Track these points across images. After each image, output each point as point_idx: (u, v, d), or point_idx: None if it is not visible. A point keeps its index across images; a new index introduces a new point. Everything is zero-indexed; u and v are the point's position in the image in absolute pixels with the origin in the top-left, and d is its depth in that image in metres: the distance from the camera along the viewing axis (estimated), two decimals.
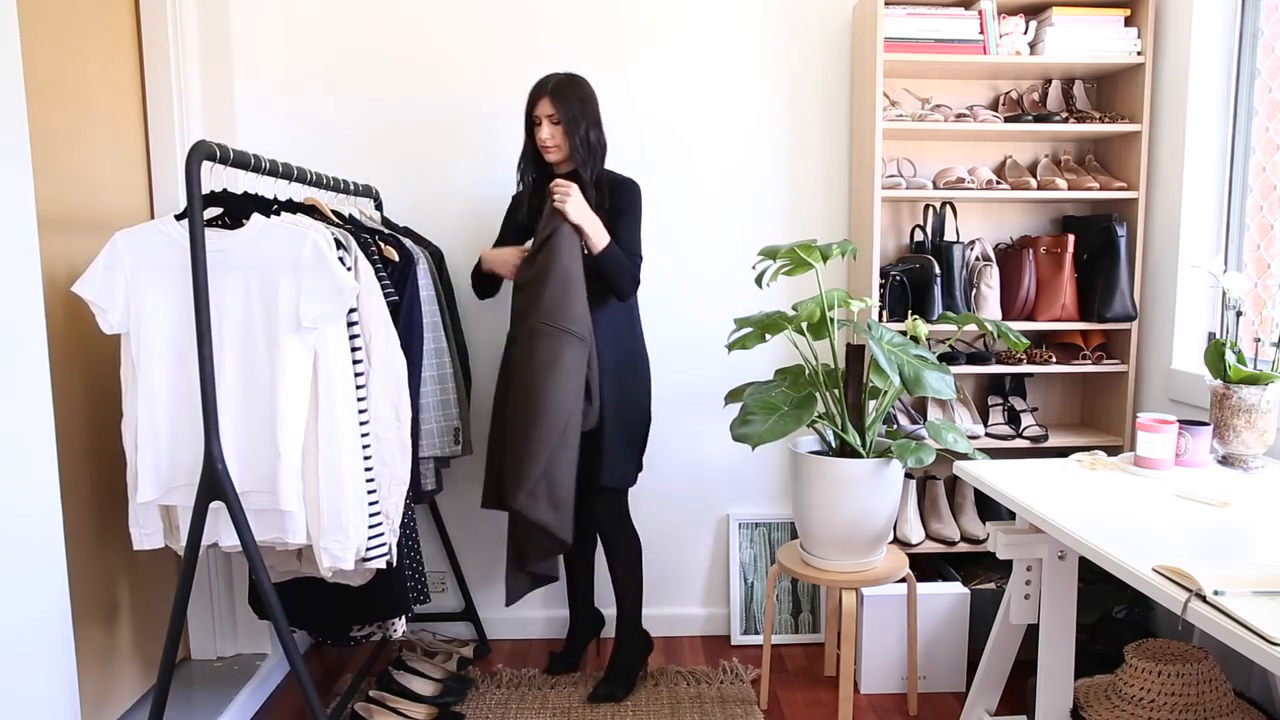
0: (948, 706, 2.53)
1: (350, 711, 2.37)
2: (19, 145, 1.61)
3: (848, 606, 2.29)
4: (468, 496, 2.95)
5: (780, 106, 2.85)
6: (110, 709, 2.25)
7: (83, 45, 2.16)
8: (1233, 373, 1.98)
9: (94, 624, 2.18)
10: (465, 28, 2.80)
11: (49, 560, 1.69)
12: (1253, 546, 1.50)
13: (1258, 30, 2.37)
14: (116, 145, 2.29)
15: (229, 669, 2.59)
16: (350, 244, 2.03)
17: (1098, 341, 2.78)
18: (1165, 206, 2.58)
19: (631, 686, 2.58)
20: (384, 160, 2.84)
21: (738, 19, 2.82)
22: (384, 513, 2.04)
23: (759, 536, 2.96)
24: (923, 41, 2.57)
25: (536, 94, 2.34)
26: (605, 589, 2.77)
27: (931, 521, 2.77)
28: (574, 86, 2.34)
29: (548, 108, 2.31)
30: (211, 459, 1.80)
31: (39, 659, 1.66)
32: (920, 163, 2.85)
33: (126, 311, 1.89)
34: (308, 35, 2.78)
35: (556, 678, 2.69)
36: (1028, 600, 1.99)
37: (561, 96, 2.31)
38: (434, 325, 2.35)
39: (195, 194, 1.73)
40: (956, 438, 2.26)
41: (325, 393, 1.90)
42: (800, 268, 2.28)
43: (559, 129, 2.32)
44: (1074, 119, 2.67)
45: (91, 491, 2.15)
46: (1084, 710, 1.90)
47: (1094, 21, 2.60)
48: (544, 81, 2.35)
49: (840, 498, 2.25)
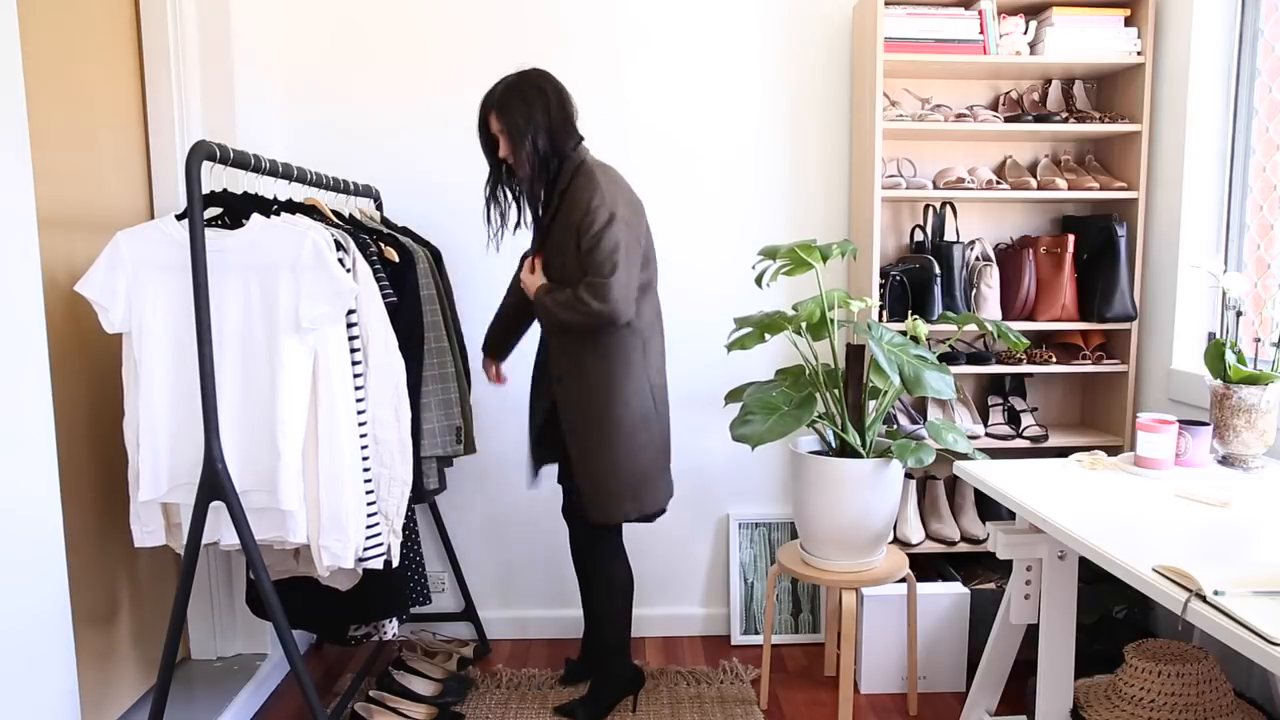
0: (948, 706, 2.53)
1: (350, 711, 2.37)
2: (19, 145, 1.61)
3: (848, 606, 2.29)
4: (468, 496, 2.96)
5: (780, 106, 2.85)
6: (110, 709, 2.25)
7: (83, 46, 2.16)
8: (1233, 373, 1.98)
9: (94, 624, 2.18)
10: (465, 28, 2.80)
11: (49, 560, 1.69)
12: (1253, 546, 1.50)
13: (1258, 30, 2.37)
14: (116, 145, 2.29)
15: (229, 669, 2.59)
16: (349, 245, 2.03)
17: (1098, 341, 2.78)
18: (1165, 206, 2.58)
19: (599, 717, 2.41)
20: (384, 160, 2.84)
21: (737, 19, 2.82)
22: (382, 513, 2.04)
23: (759, 536, 2.96)
24: (923, 41, 2.57)
25: (483, 108, 2.19)
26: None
27: (931, 521, 2.77)
28: (518, 90, 2.14)
29: (494, 123, 2.16)
30: (211, 458, 1.81)
31: (39, 658, 1.66)
32: (920, 163, 2.85)
33: (128, 311, 1.89)
34: (308, 35, 2.78)
35: (556, 677, 2.69)
36: (1028, 600, 1.99)
37: (504, 107, 2.13)
38: (434, 325, 2.35)
39: (195, 194, 1.73)
40: (956, 438, 2.26)
41: (324, 393, 1.90)
42: (800, 268, 2.28)
43: (507, 144, 2.16)
44: (1074, 119, 2.67)
45: (92, 491, 2.15)
46: (1084, 710, 1.90)
47: (1094, 21, 2.60)
48: (490, 92, 2.18)
49: (840, 498, 2.26)
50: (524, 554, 3.00)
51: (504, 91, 2.15)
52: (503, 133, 2.15)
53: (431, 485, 2.39)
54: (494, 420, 2.93)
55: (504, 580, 3.01)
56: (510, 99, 2.14)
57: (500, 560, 3.00)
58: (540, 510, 2.98)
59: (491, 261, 2.87)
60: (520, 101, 2.13)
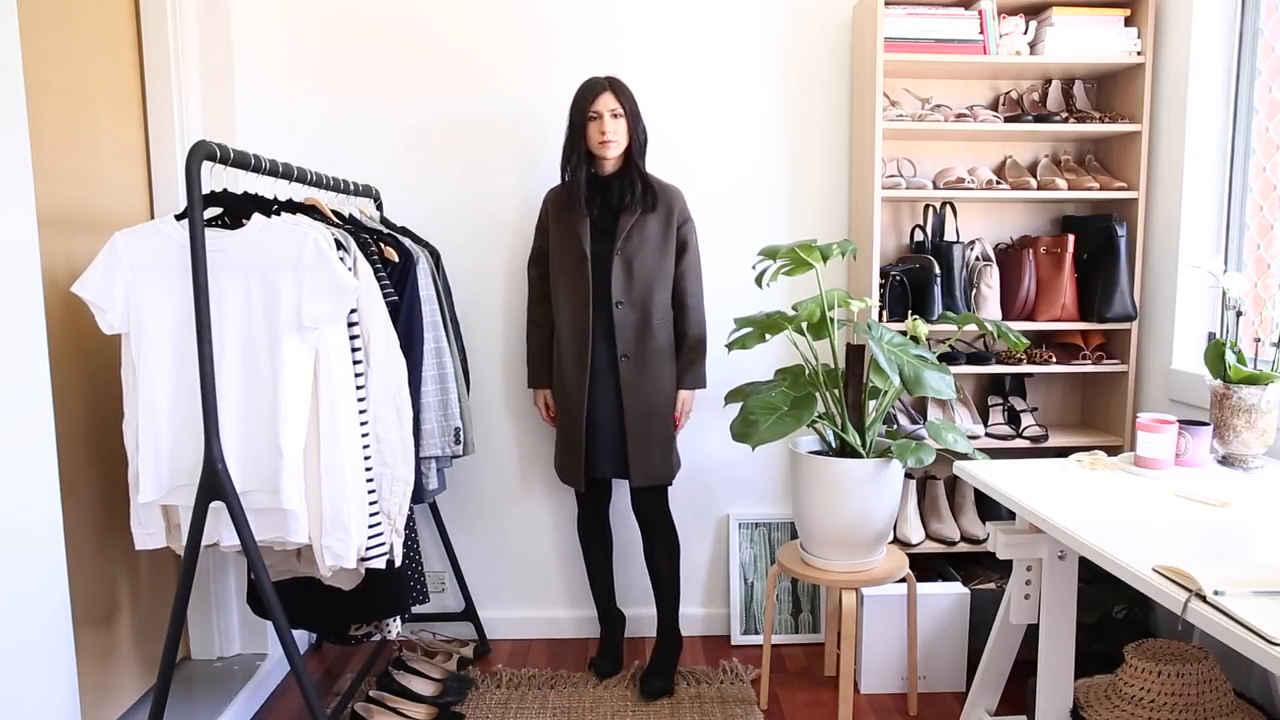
0: (948, 706, 2.53)
1: (350, 711, 2.37)
2: (19, 145, 1.61)
3: (848, 606, 2.29)
4: (468, 496, 2.96)
5: (780, 106, 2.85)
6: (110, 709, 2.25)
7: (83, 46, 2.16)
8: (1233, 373, 1.98)
9: (94, 624, 2.18)
10: (465, 28, 2.80)
11: (49, 560, 1.69)
12: (1253, 546, 1.50)
13: (1258, 30, 2.37)
14: (116, 145, 2.29)
15: (229, 669, 2.59)
16: (350, 244, 2.03)
17: (1098, 341, 2.78)
18: (1165, 206, 2.58)
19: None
20: (384, 160, 2.84)
21: (738, 19, 2.82)
22: (384, 512, 2.04)
23: (759, 536, 2.96)
24: (923, 41, 2.57)
25: (594, 90, 2.40)
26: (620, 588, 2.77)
27: (931, 521, 2.77)
28: (623, 84, 2.45)
29: (611, 102, 2.39)
30: (211, 459, 1.80)
31: (39, 658, 1.66)
32: (920, 163, 2.85)
33: (126, 311, 1.89)
34: (308, 35, 2.78)
35: (556, 677, 2.69)
36: (1028, 600, 1.99)
37: (621, 90, 2.42)
38: (434, 325, 2.35)
39: (195, 194, 1.73)
40: (956, 438, 2.26)
41: (326, 392, 1.90)
42: (800, 268, 2.28)
43: (621, 122, 2.40)
44: (1074, 119, 2.67)
45: (92, 491, 2.15)
46: (1084, 710, 1.90)
47: (1094, 21, 2.60)
48: (597, 78, 2.43)
49: (840, 498, 2.25)
50: (524, 554, 3.00)
51: (614, 78, 2.44)
52: (622, 112, 2.41)
53: (431, 485, 2.39)
54: (494, 421, 2.93)
55: (504, 580, 3.01)
56: (622, 86, 2.44)
57: (500, 560, 3.00)
58: (540, 510, 2.98)
59: (490, 262, 2.87)
60: (628, 91, 2.45)
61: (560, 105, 2.79)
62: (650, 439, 2.48)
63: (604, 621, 2.77)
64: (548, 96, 2.81)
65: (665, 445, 2.51)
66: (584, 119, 2.41)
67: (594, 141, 2.41)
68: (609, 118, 2.38)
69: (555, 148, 2.79)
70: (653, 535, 2.59)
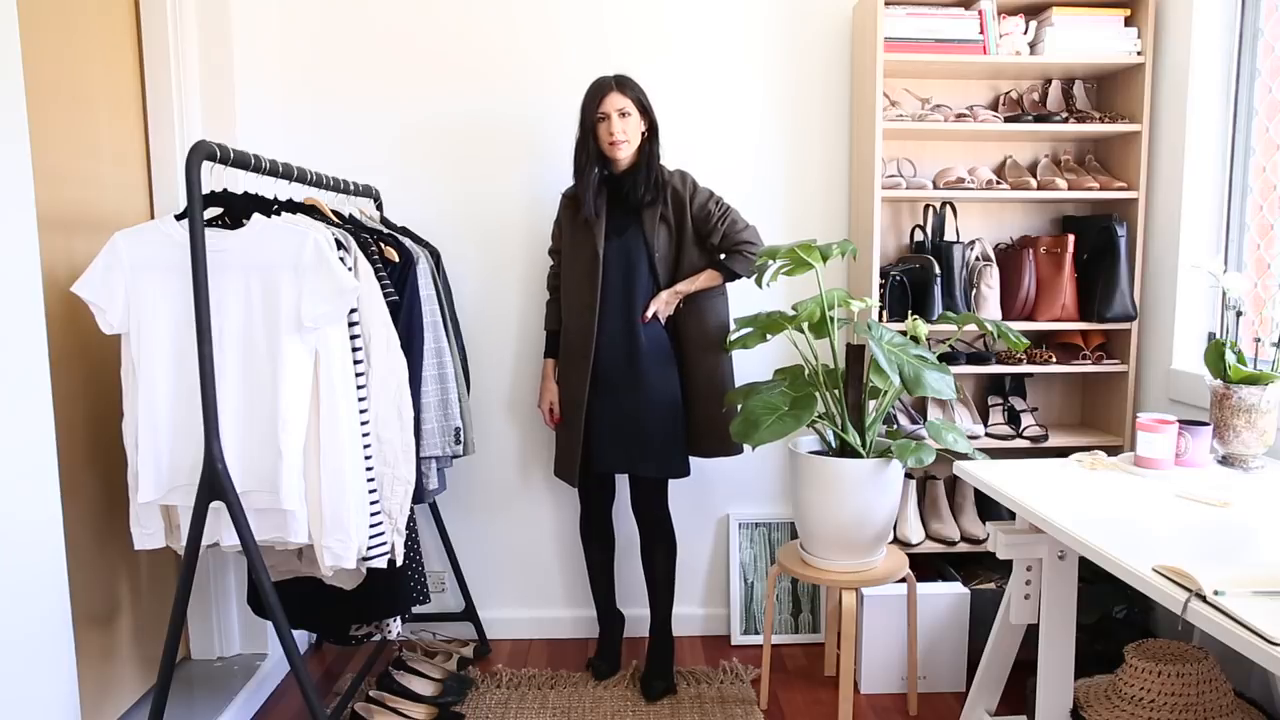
0: (948, 706, 2.53)
1: (350, 711, 2.37)
2: (19, 145, 1.61)
3: (848, 606, 2.29)
4: (468, 496, 2.96)
5: (780, 106, 2.85)
6: (110, 709, 2.25)
7: (83, 45, 2.16)
8: (1233, 373, 1.98)
9: (94, 624, 2.18)
10: (465, 28, 2.80)
11: (49, 560, 1.69)
12: (1253, 546, 1.50)
13: (1258, 30, 2.37)
14: (116, 145, 2.29)
15: (229, 669, 2.59)
16: (350, 244, 2.03)
17: (1098, 341, 2.78)
18: (1165, 206, 2.58)
19: None
20: (384, 160, 2.84)
21: (738, 19, 2.82)
22: (386, 512, 2.04)
23: (759, 536, 2.96)
24: (923, 41, 2.57)
25: (601, 91, 2.38)
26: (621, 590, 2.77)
27: (931, 521, 2.77)
28: (630, 80, 2.42)
29: (618, 101, 2.37)
30: (211, 459, 1.80)
31: (39, 659, 1.66)
32: (920, 163, 2.85)
33: (126, 312, 1.89)
34: (308, 35, 2.78)
35: (556, 677, 2.69)
36: (1028, 600, 1.99)
37: (628, 86, 2.40)
38: (434, 325, 2.35)
39: (195, 194, 1.73)
40: (956, 438, 2.26)
41: (326, 392, 1.90)
42: (800, 268, 2.28)
43: (630, 120, 2.38)
44: (1074, 119, 2.67)
45: (92, 491, 2.15)
46: (1084, 710, 1.90)
47: (1094, 21, 2.60)
48: (604, 78, 2.40)
49: (840, 498, 2.25)
50: (524, 554, 3.00)
51: (622, 77, 2.42)
52: (631, 110, 2.38)
53: (432, 485, 2.39)
54: (494, 421, 2.93)
55: (504, 580, 3.01)
56: (630, 84, 2.41)
57: (500, 560, 3.00)
58: (541, 510, 2.98)
59: (491, 261, 2.87)
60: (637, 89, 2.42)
61: (560, 105, 2.80)
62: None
63: (603, 622, 2.77)
64: (549, 96, 2.81)
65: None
66: (593, 121, 2.40)
67: (604, 143, 2.40)
68: (616, 118, 2.37)
69: (557, 147, 2.80)
70: (651, 533, 2.59)
